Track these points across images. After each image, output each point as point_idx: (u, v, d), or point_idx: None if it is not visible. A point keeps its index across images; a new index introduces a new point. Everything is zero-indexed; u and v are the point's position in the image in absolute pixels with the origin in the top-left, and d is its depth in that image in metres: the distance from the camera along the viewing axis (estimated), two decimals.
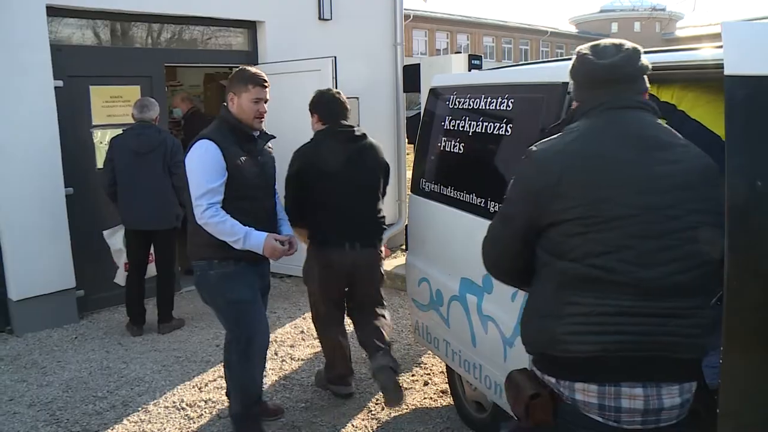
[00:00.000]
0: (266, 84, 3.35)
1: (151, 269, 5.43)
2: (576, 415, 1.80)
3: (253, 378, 3.48)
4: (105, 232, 5.34)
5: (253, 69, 3.39)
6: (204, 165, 3.19)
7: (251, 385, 3.49)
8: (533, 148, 1.90)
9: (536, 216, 1.84)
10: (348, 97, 6.94)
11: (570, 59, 2.07)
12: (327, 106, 3.87)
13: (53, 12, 5.40)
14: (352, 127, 3.84)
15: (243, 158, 3.28)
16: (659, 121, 1.91)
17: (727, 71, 1.72)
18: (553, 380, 1.85)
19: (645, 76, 1.93)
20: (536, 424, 1.86)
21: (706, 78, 2.67)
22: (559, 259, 1.81)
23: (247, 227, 3.21)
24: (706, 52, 2.59)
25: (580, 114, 1.93)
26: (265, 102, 3.36)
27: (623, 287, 1.74)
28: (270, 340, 3.71)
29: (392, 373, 3.65)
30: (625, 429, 1.77)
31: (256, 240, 3.22)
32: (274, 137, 3.56)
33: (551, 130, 2.05)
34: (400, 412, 3.97)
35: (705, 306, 1.82)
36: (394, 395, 3.60)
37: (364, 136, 3.89)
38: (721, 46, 2.55)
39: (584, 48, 1.96)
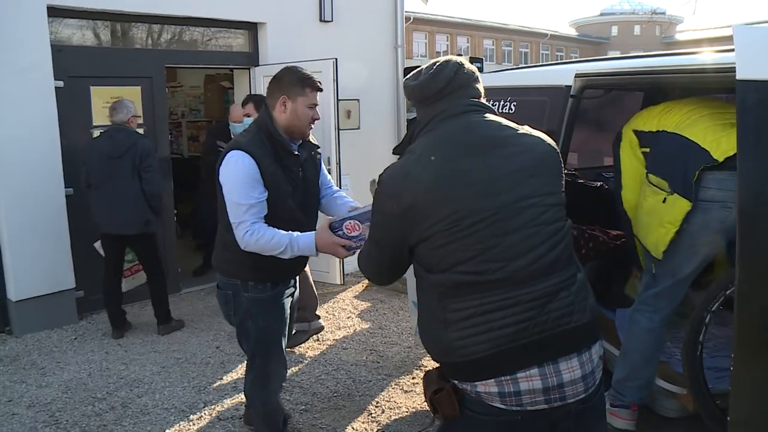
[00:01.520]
0: (322, 88, 2.98)
1: (141, 277, 5.47)
2: (480, 405, 1.86)
3: (273, 406, 3.32)
4: (96, 244, 5.33)
5: (304, 69, 2.96)
6: (240, 180, 2.79)
7: (272, 414, 3.33)
8: (383, 174, 1.99)
9: (402, 238, 1.92)
10: (349, 99, 7.05)
11: (574, 62, 2.09)
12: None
13: (54, 12, 5.39)
14: None
15: (280, 174, 2.88)
16: (492, 116, 1.99)
17: (739, 76, 1.70)
18: (458, 382, 1.92)
19: (475, 84, 2.03)
20: (445, 418, 1.94)
21: (705, 81, 2.68)
22: (431, 272, 1.89)
23: (289, 233, 2.79)
24: (706, 56, 2.59)
25: (417, 133, 2.03)
26: (317, 107, 2.99)
27: (497, 283, 1.81)
28: None
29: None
30: (528, 411, 1.81)
31: (305, 243, 2.78)
32: (318, 147, 3.17)
33: (396, 150, 2.18)
34: (400, 415, 3.97)
35: (576, 272, 1.91)
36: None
37: None
38: (722, 50, 2.57)
39: (413, 72, 2.09)
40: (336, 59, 6.04)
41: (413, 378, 4.48)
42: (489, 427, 1.87)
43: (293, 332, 4.82)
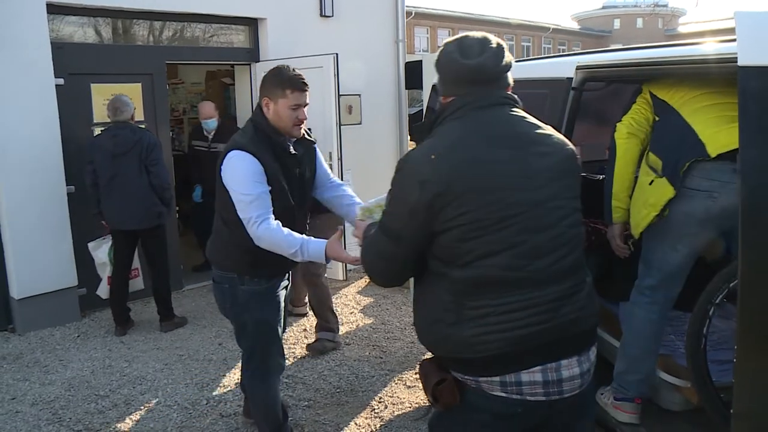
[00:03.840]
0: (306, 87, 2.91)
1: (136, 283, 5.46)
2: (480, 394, 1.88)
3: (273, 399, 3.34)
4: (90, 244, 5.33)
5: (290, 70, 2.91)
6: (245, 176, 2.81)
7: (273, 406, 3.35)
8: (408, 158, 1.88)
9: (427, 226, 1.82)
10: (350, 94, 7.03)
11: (575, 54, 2.07)
12: None
13: (54, 9, 5.39)
14: None
15: (279, 173, 2.92)
16: (521, 111, 1.96)
17: (740, 62, 1.68)
18: (459, 375, 1.92)
19: (509, 73, 1.95)
20: (445, 407, 1.94)
21: (708, 72, 2.65)
22: (454, 266, 1.82)
23: (302, 237, 2.81)
24: (708, 47, 2.57)
25: (447, 115, 1.92)
26: (305, 107, 2.94)
27: (521, 282, 1.80)
28: None
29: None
30: (528, 401, 1.85)
31: (315, 250, 2.77)
32: (314, 142, 3.17)
33: (415, 129, 2.08)
34: (403, 411, 3.96)
35: (586, 277, 1.95)
36: None
37: None
38: (723, 41, 2.54)
39: (450, 44, 1.95)
40: (337, 54, 6.02)
41: (415, 373, 4.47)
42: (487, 416, 1.90)
43: (316, 339, 4.88)
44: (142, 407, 4.06)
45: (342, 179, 5.48)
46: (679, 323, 3.38)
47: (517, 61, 3.85)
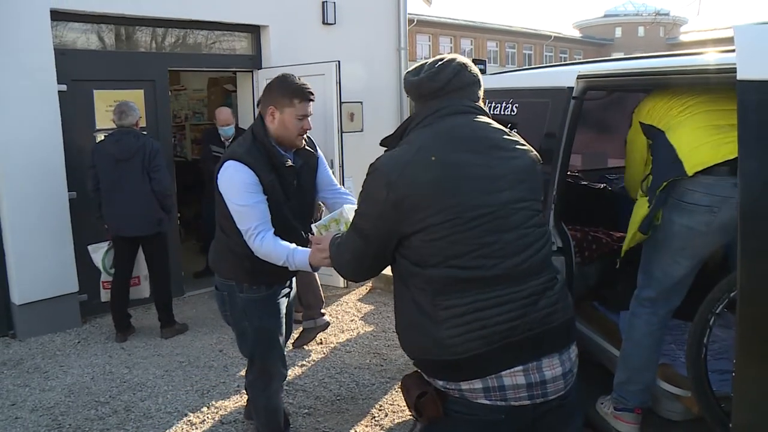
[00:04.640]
0: (312, 98, 2.90)
1: (140, 291, 5.44)
2: (464, 404, 1.89)
3: (274, 406, 3.35)
4: (90, 247, 5.34)
5: (296, 79, 2.90)
6: (239, 186, 2.79)
7: (274, 413, 3.36)
8: (377, 162, 1.96)
9: (394, 228, 1.91)
10: (352, 102, 7.05)
11: (576, 63, 2.09)
12: None
13: (57, 16, 5.41)
14: None
15: (276, 184, 2.89)
16: (487, 119, 2.04)
17: (739, 76, 1.69)
18: (440, 383, 1.94)
19: (474, 88, 2.06)
20: (429, 421, 1.96)
21: (708, 83, 2.65)
22: (425, 266, 1.88)
23: (287, 247, 2.79)
24: (709, 57, 2.58)
25: (418, 122, 2.03)
26: (309, 116, 2.92)
27: (492, 280, 1.85)
28: None
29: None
30: (513, 406, 1.86)
31: (301, 260, 2.76)
32: (314, 152, 3.13)
33: (386, 140, 2.17)
34: (403, 419, 3.95)
35: (556, 274, 2.01)
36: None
37: None
38: (725, 51, 2.55)
39: (417, 67, 2.10)
40: (339, 62, 6.05)
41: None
42: (471, 425, 1.91)
43: (301, 330, 4.90)
44: (142, 414, 4.06)
45: (344, 186, 5.51)
46: (679, 332, 3.38)
47: (518, 70, 3.88)
